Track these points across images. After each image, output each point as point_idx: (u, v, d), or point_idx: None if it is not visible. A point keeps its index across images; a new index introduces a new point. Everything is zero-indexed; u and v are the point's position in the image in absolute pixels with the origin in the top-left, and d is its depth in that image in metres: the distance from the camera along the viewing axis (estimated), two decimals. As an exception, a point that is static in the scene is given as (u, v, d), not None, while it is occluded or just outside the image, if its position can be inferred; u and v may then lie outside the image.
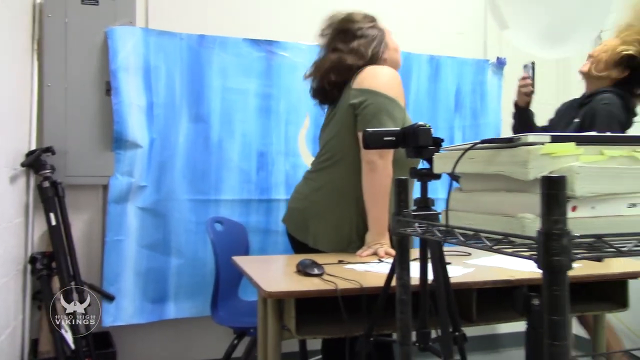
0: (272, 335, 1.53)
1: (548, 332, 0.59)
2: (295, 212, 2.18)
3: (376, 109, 1.94)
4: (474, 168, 0.85)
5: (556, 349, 0.58)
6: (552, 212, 0.59)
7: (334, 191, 2.07)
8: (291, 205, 2.24)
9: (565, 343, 0.58)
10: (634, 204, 0.78)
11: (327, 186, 2.09)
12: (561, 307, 0.59)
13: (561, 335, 0.59)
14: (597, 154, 0.76)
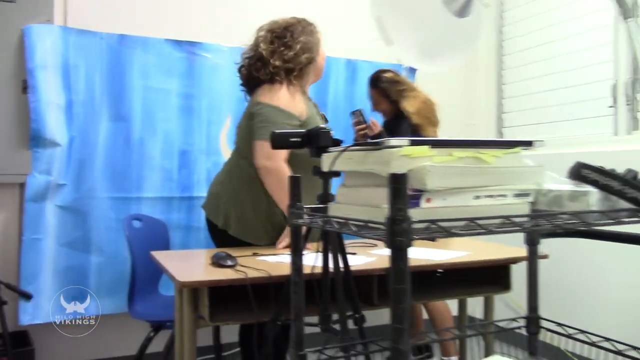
0: (187, 324, 1.63)
1: (393, 297, 0.74)
2: (211, 196, 2.30)
3: (264, 119, 2.07)
4: (351, 166, 0.99)
5: (398, 310, 0.73)
6: (397, 202, 0.74)
7: (248, 179, 2.17)
8: (209, 191, 2.36)
9: (405, 306, 0.73)
10: (478, 196, 0.95)
11: (241, 174, 2.20)
12: (403, 277, 0.74)
13: (402, 300, 0.73)
14: (447, 155, 0.92)
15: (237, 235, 2.14)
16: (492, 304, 2.13)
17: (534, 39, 3.28)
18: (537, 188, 1.00)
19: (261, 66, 2.17)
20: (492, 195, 0.96)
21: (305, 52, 2.19)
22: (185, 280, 1.51)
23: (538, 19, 3.24)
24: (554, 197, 0.99)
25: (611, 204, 0.96)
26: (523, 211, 0.97)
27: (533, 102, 3.29)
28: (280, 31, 2.22)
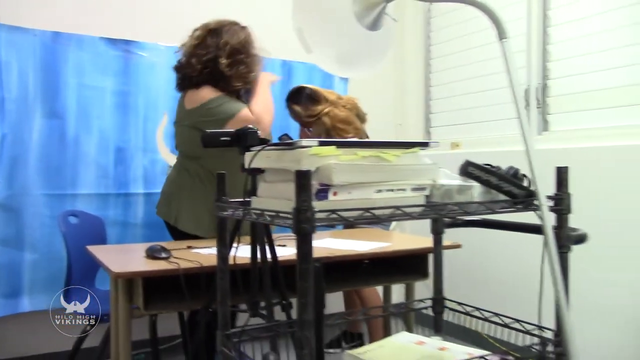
0: (122, 313, 1.71)
1: (299, 276, 0.87)
2: (163, 195, 2.44)
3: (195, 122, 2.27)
4: (269, 164, 1.11)
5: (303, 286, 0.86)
6: (302, 195, 0.87)
7: (197, 178, 2.32)
8: (162, 191, 2.49)
9: (309, 284, 0.86)
10: (380, 190, 1.09)
11: (190, 174, 2.35)
12: (308, 259, 0.87)
13: (307, 277, 0.86)
14: (352, 154, 1.06)
15: (187, 230, 2.25)
16: (413, 290, 2.31)
17: (457, 45, 3.50)
18: (432, 183, 1.15)
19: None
20: (392, 189, 1.11)
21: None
22: (119, 271, 1.59)
23: (461, 27, 3.46)
24: (445, 191, 1.15)
25: (492, 197, 1.12)
26: (419, 203, 1.12)
27: (457, 104, 3.51)
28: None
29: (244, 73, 2.34)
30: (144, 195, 2.98)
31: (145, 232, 2.94)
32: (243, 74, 2.34)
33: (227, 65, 2.30)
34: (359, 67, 1.44)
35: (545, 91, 2.93)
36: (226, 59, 2.30)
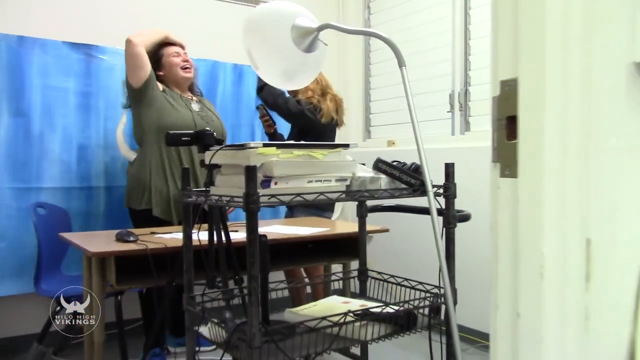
0: (96, 289, 1.98)
1: (248, 243, 1.19)
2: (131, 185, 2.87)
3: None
4: (226, 160, 1.43)
5: (250, 251, 1.19)
6: (250, 184, 1.19)
7: (141, 161, 2.78)
8: (128, 183, 2.91)
9: (254, 249, 1.19)
10: (311, 181, 1.42)
11: (138, 159, 2.79)
12: (254, 230, 1.19)
13: (254, 244, 1.19)
14: (289, 153, 1.38)
15: (132, 206, 2.76)
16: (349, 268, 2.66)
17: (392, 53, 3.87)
18: (352, 175, 1.50)
19: None
20: (321, 180, 1.44)
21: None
22: (96, 251, 1.87)
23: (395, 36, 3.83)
24: (361, 181, 1.49)
25: (396, 186, 1.47)
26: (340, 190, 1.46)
27: (394, 106, 3.89)
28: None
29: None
30: (105, 188, 3.22)
31: (107, 223, 3.18)
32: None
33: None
34: (297, 81, 1.76)
35: (467, 96, 3.34)
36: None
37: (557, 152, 0.66)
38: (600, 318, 0.66)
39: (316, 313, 1.52)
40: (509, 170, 0.70)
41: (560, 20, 0.66)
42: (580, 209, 0.65)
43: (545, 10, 0.66)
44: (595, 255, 0.65)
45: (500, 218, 0.72)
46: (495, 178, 0.73)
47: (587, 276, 0.65)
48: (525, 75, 0.68)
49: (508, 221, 0.70)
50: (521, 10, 0.68)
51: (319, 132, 3.09)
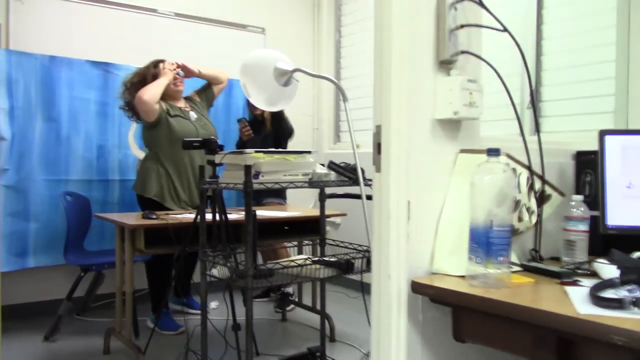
0: (128, 253, 2.71)
1: (246, 215, 1.94)
2: (140, 178, 3.52)
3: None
4: (229, 160, 2.17)
5: (247, 217, 1.93)
6: (247, 176, 1.93)
7: (150, 157, 3.45)
8: (138, 176, 3.56)
9: (250, 216, 1.93)
10: (286, 175, 2.17)
11: (147, 155, 3.46)
12: (249, 205, 1.94)
13: (249, 215, 1.94)
14: (271, 156, 2.13)
15: (138, 192, 3.41)
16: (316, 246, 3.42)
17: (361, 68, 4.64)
18: (312, 172, 2.25)
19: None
20: (292, 174, 2.19)
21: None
22: (132, 223, 2.60)
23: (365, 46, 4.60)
24: (318, 175, 2.25)
25: (341, 179, 2.23)
26: (305, 181, 2.21)
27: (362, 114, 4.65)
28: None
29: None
30: (119, 181, 3.94)
31: (120, 208, 3.89)
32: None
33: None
34: (278, 105, 2.50)
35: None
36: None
37: (397, 160, 1.41)
38: (415, 238, 1.41)
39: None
40: (378, 169, 1.46)
41: (399, 94, 1.41)
42: (406, 187, 1.41)
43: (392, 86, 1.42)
44: (412, 208, 1.40)
45: (375, 193, 1.47)
46: (373, 173, 1.48)
47: (408, 218, 1.40)
48: (384, 123, 1.43)
49: (378, 194, 1.46)
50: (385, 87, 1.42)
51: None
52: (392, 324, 1.40)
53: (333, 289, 4.31)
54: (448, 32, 1.42)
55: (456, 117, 1.42)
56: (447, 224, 1.43)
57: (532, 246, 1.60)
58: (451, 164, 1.48)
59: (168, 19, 4.25)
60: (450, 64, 1.45)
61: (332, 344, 3.23)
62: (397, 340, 1.40)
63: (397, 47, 1.40)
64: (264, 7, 4.80)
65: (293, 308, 3.95)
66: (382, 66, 1.43)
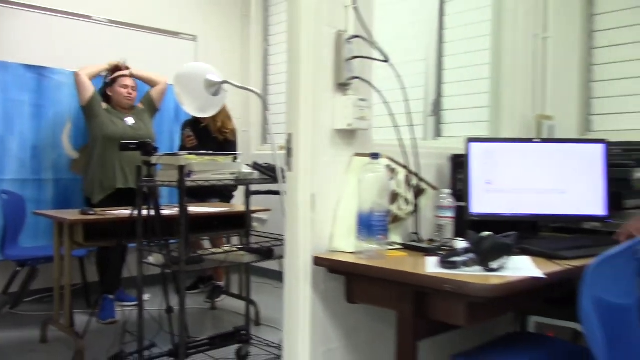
0: (67, 247, 2.94)
1: (180, 209, 2.25)
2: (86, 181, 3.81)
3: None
4: (164, 162, 2.47)
5: (181, 210, 2.25)
6: (181, 175, 2.24)
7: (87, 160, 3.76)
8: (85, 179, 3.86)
9: (183, 208, 2.25)
10: (217, 174, 2.49)
11: (85, 158, 3.80)
12: (182, 199, 2.25)
13: (183, 207, 2.25)
14: (202, 158, 2.45)
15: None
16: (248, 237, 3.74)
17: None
18: (239, 171, 2.59)
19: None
20: (221, 173, 2.52)
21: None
22: (71, 218, 2.83)
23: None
24: (244, 174, 2.58)
25: (263, 177, 2.58)
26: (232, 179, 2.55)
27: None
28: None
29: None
30: (52, 180, 4.10)
31: (54, 206, 4.06)
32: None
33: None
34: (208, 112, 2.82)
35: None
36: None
37: (304, 162, 1.78)
38: (318, 223, 1.78)
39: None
40: (289, 169, 1.82)
41: (305, 109, 1.78)
42: (311, 183, 1.77)
43: (300, 102, 1.78)
44: (316, 200, 1.77)
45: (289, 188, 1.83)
46: (287, 173, 1.84)
47: (313, 206, 1.77)
48: (294, 132, 1.79)
49: (289, 189, 1.82)
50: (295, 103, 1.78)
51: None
52: (300, 291, 1.77)
53: (260, 280, 4.64)
54: (344, 62, 1.81)
55: (350, 128, 1.81)
56: (343, 212, 1.81)
57: (413, 230, 2.01)
58: (347, 164, 1.87)
59: (102, 26, 4.44)
60: (346, 86, 1.83)
61: (257, 327, 3.57)
62: (303, 304, 1.77)
63: (305, 71, 1.77)
64: (196, 15, 5.07)
65: (223, 299, 4.25)
66: (292, 86, 1.80)
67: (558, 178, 2.11)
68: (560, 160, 2.12)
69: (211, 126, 4.18)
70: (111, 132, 3.76)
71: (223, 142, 4.13)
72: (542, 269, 1.50)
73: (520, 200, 2.10)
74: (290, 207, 1.82)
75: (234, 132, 4.29)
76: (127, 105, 3.93)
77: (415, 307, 1.51)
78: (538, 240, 1.98)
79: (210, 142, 4.06)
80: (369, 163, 1.71)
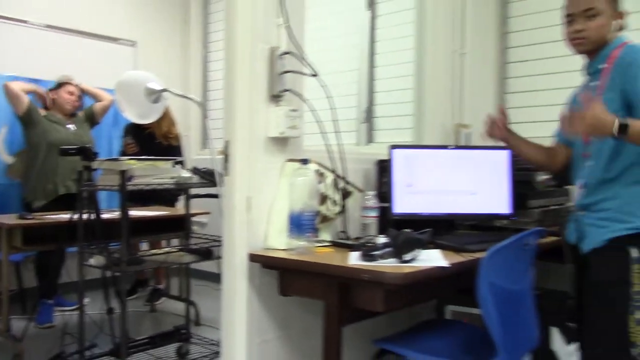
0: (4, 252, 2.96)
1: (120, 210, 2.35)
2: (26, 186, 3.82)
3: None
4: (105, 166, 2.56)
5: (122, 212, 2.35)
6: (123, 179, 2.35)
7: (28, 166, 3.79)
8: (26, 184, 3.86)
9: (124, 213, 2.35)
10: (158, 179, 2.60)
11: (24, 163, 3.85)
12: (124, 203, 2.36)
13: (124, 208, 2.35)
14: (142, 163, 2.55)
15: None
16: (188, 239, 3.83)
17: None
18: (179, 175, 2.71)
19: None
20: (161, 179, 2.63)
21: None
22: (9, 222, 2.86)
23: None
24: (184, 179, 2.71)
25: (202, 181, 2.71)
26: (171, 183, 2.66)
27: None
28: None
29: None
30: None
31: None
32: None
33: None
34: (148, 118, 2.92)
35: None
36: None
37: (240, 167, 1.93)
38: (254, 223, 1.94)
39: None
40: (227, 173, 1.97)
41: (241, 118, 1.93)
42: (247, 187, 1.93)
43: (237, 112, 1.94)
44: (252, 202, 1.93)
45: (227, 191, 1.98)
46: (225, 177, 1.99)
47: (248, 208, 1.93)
48: (231, 139, 1.95)
49: (228, 191, 1.97)
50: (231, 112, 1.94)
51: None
52: (237, 286, 1.92)
53: (200, 283, 4.73)
54: (277, 75, 1.98)
55: (282, 136, 1.98)
56: (276, 213, 1.98)
57: (341, 229, 2.21)
58: (280, 169, 2.04)
59: (39, 30, 4.42)
60: (279, 98, 2.01)
61: (197, 327, 3.67)
62: (240, 298, 1.93)
63: (240, 84, 1.93)
64: (135, 21, 5.11)
65: (163, 301, 4.32)
66: (229, 97, 1.95)
67: (470, 181, 2.36)
68: (472, 165, 2.37)
69: (156, 131, 4.24)
70: (55, 138, 3.77)
71: (167, 147, 4.20)
72: (449, 260, 1.72)
73: (437, 201, 2.34)
74: (227, 209, 1.97)
75: (178, 138, 4.37)
76: (69, 111, 3.94)
77: (339, 296, 1.70)
78: (451, 236, 2.21)
79: (154, 147, 4.13)
80: (299, 168, 1.89)
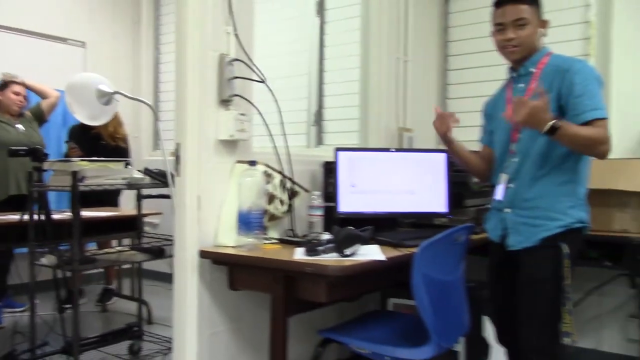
0: (-48, 252, 2.94)
1: (72, 209, 2.40)
2: None
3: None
4: (56, 167, 2.60)
5: (74, 212, 2.40)
6: (75, 180, 2.40)
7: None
8: None
9: (76, 212, 2.40)
10: (110, 179, 2.65)
11: None
12: (75, 204, 2.41)
13: (75, 208, 2.40)
14: (94, 164, 2.60)
15: None
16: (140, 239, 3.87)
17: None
18: (130, 176, 2.76)
19: None
20: (114, 180, 2.69)
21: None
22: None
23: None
24: (135, 179, 2.76)
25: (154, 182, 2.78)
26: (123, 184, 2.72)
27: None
28: None
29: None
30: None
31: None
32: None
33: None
34: (99, 120, 2.96)
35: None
36: None
37: (191, 168, 2.03)
38: (204, 221, 2.03)
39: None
40: (178, 174, 2.06)
41: (192, 121, 2.03)
42: (197, 186, 2.03)
43: (187, 115, 2.03)
44: (202, 201, 2.03)
45: (178, 191, 2.07)
46: (176, 178, 2.07)
47: (199, 206, 2.02)
48: (182, 141, 2.04)
49: (180, 191, 2.05)
50: (182, 115, 2.02)
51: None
52: (188, 282, 2.02)
53: (152, 283, 4.76)
54: (226, 81, 2.08)
55: (232, 138, 2.09)
56: (225, 211, 2.08)
57: (289, 227, 2.33)
58: (229, 170, 2.14)
59: (-15, 30, 4.36)
60: (228, 102, 2.11)
61: (150, 325, 3.72)
62: (191, 292, 2.02)
63: (191, 89, 2.03)
64: (84, 21, 5.08)
65: (114, 302, 4.33)
66: (180, 102, 2.04)
67: (410, 181, 2.52)
68: (411, 166, 2.53)
69: (102, 132, 4.24)
70: (6, 139, 3.73)
71: (114, 148, 4.21)
72: (387, 255, 1.87)
73: (379, 200, 2.49)
74: (178, 208, 2.06)
75: (125, 139, 4.39)
76: (16, 112, 3.92)
77: (285, 288, 1.82)
78: (392, 233, 2.36)
79: (100, 148, 4.12)
80: (247, 169, 2.00)
